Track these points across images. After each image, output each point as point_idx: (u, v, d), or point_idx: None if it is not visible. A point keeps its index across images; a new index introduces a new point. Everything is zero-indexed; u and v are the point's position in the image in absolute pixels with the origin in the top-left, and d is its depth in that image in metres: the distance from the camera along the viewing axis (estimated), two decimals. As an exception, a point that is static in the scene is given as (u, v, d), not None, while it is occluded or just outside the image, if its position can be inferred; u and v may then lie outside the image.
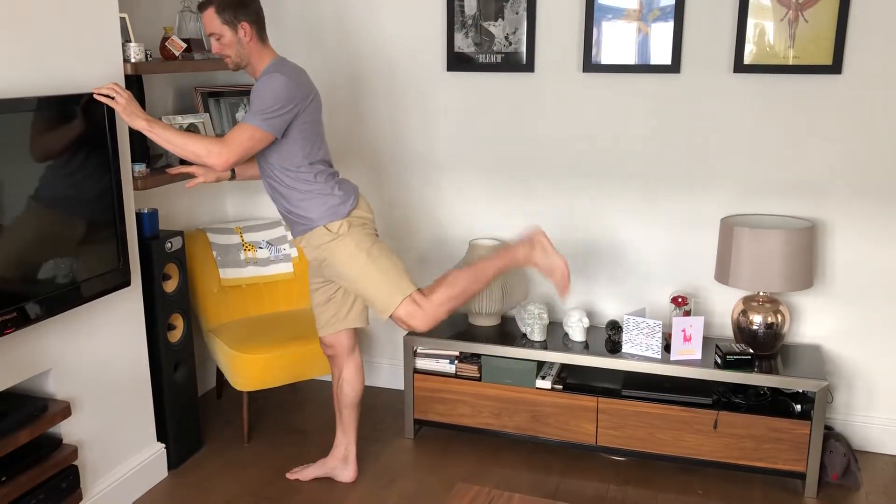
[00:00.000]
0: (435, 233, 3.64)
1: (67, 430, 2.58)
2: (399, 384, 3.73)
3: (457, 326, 3.39)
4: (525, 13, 3.28)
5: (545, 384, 3.14)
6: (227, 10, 2.57)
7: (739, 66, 3.07)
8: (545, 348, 3.16)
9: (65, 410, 2.52)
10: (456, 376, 3.25)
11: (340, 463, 3.03)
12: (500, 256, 2.79)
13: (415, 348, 3.29)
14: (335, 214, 2.68)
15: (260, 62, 2.65)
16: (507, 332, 3.34)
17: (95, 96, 2.45)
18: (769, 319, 3.02)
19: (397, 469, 3.13)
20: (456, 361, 3.26)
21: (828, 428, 3.03)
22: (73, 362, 2.60)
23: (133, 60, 2.77)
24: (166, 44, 3.02)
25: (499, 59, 3.36)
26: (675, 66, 3.14)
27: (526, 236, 2.81)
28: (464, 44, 3.39)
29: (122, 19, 2.74)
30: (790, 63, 3.01)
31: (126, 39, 2.77)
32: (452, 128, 3.51)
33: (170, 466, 3.08)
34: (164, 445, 3.05)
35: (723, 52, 3.10)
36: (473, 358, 3.25)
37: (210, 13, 2.58)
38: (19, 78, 2.30)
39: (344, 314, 2.87)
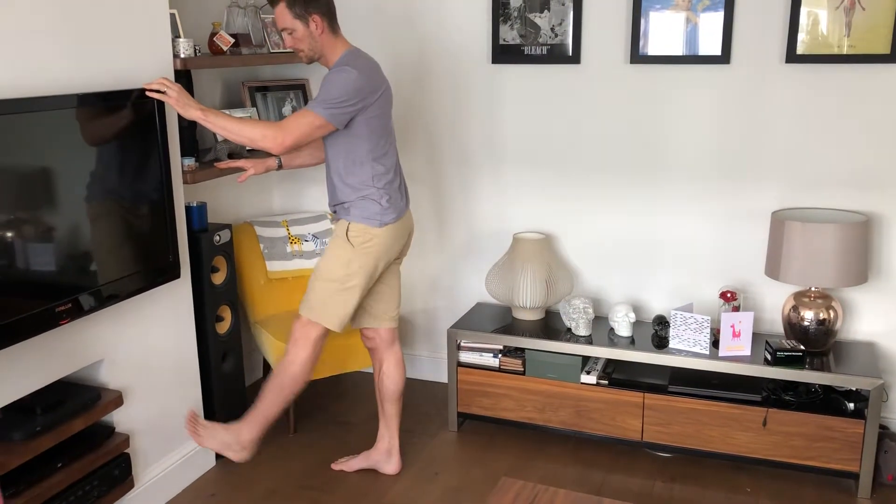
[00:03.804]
0: (478, 225, 3.63)
1: (119, 419, 2.64)
2: (440, 377, 3.74)
3: (501, 320, 3.38)
4: (571, 4, 3.24)
5: (590, 379, 3.12)
6: (298, 3, 2.57)
7: (792, 57, 3.00)
8: (590, 343, 3.13)
9: (117, 399, 2.58)
10: (500, 370, 3.25)
11: (384, 455, 3.04)
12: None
13: (459, 341, 3.29)
14: (370, 220, 2.69)
15: (333, 54, 2.65)
16: (551, 326, 3.32)
17: (147, 93, 2.49)
18: (821, 315, 2.95)
19: (441, 462, 3.14)
20: (500, 355, 3.25)
21: (883, 427, 2.95)
22: (125, 352, 2.66)
23: (182, 56, 2.81)
24: (214, 39, 3.06)
25: (544, 51, 3.33)
26: (724, 57, 3.08)
27: None
28: (509, 35, 3.36)
29: (172, 15, 2.78)
30: (845, 52, 2.93)
31: (175, 35, 2.81)
32: (497, 120, 3.49)
33: (217, 455, 3.13)
34: (212, 435, 3.10)
35: (774, 43, 3.03)
36: (517, 352, 3.24)
37: (281, 8, 2.59)
38: (72, 74, 2.35)
39: (372, 310, 2.90)
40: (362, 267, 2.71)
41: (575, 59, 3.30)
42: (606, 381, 3.11)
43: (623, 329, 3.17)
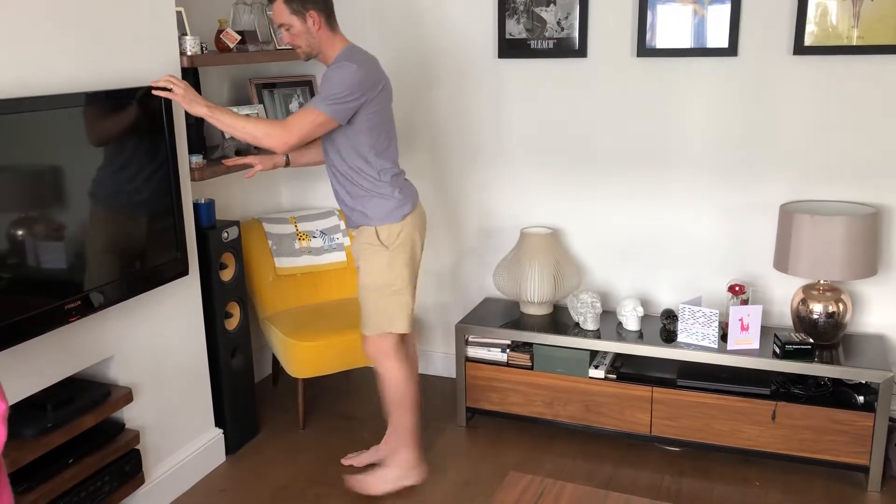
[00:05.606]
0: (485, 221, 3.63)
1: (129, 416, 2.66)
2: (449, 372, 3.74)
3: (509, 315, 3.38)
4: (577, -2, 3.23)
5: (598, 373, 3.11)
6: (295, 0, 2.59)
7: (800, 48, 2.98)
8: (598, 337, 3.13)
9: (127, 396, 2.59)
10: (508, 365, 3.25)
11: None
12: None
13: (467, 337, 3.29)
14: (390, 217, 2.69)
15: (331, 50, 2.65)
16: (559, 320, 3.32)
17: (153, 91, 2.50)
18: (830, 308, 2.94)
19: (450, 457, 3.15)
20: (508, 350, 3.26)
21: (892, 420, 2.94)
22: (134, 349, 2.67)
23: (189, 53, 2.82)
24: (221, 36, 3.07)
25: (551, 45, 3.32)
26: (732, 50, 3.07)
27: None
28: (515, 30, 3.36)
29: (179, 13, 2.79)
30: (854, 44, 2.91)
31: (182, 33, 2.82)
32: (504, 115, 3.49)
33: (227, 451, 3.15)
34: (221, 431, 3.11)
35: (782, 34, 3.01)
36: (525, 347, 3.24)
37: (279, 4, 2.60)
38: (79, 73, 2.36)
39: None
40: (404, 263, 2.73)
41: (582, 52, 3.29)
42: (615, 376, 3.11)
43: (631, 323, 3.17)
